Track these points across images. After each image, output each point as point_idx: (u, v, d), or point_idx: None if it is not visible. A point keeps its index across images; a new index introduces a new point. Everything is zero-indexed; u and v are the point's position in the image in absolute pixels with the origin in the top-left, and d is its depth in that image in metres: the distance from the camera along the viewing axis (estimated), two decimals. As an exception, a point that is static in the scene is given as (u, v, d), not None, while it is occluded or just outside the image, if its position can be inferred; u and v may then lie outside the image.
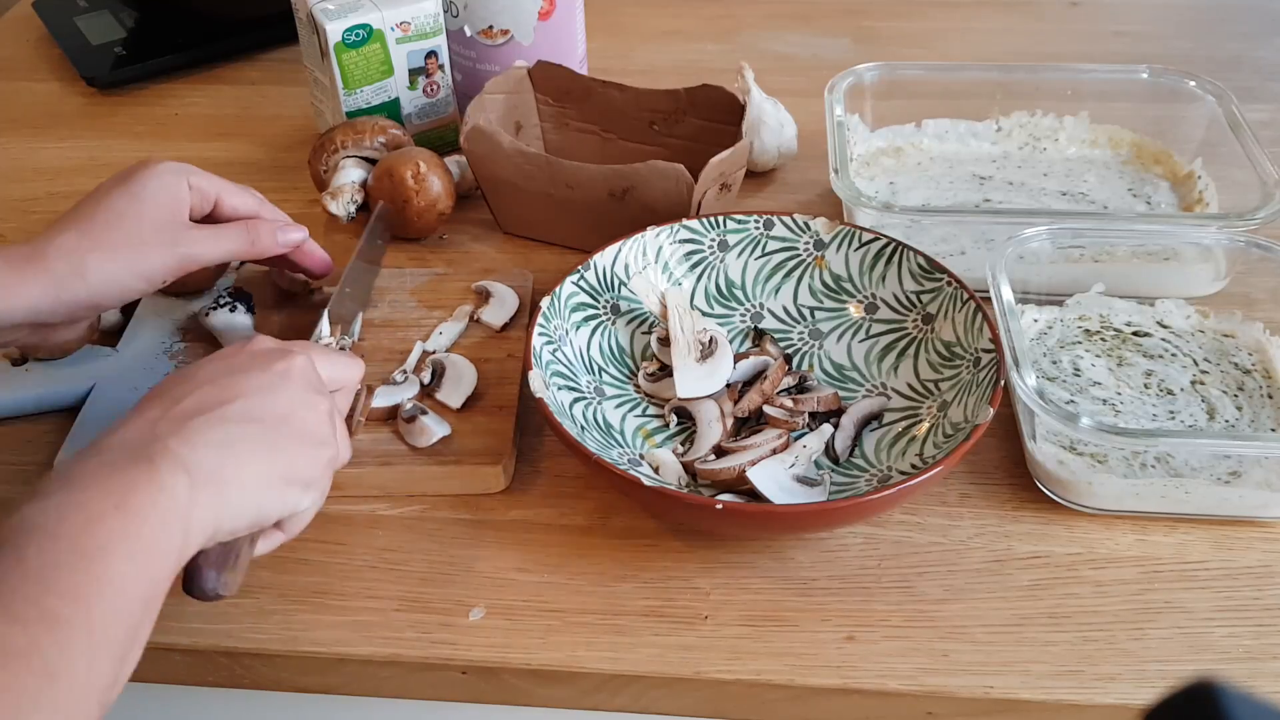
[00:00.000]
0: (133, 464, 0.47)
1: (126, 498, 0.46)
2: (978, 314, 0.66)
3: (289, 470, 0.52)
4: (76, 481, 0.46)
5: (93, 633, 0.43)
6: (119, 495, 0.46)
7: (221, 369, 0.54)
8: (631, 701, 0.58)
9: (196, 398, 0.51)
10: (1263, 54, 1.07)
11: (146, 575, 0.46)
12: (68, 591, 0.43)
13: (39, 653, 0.41)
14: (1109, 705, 0.56)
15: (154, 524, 0.46)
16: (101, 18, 1.10)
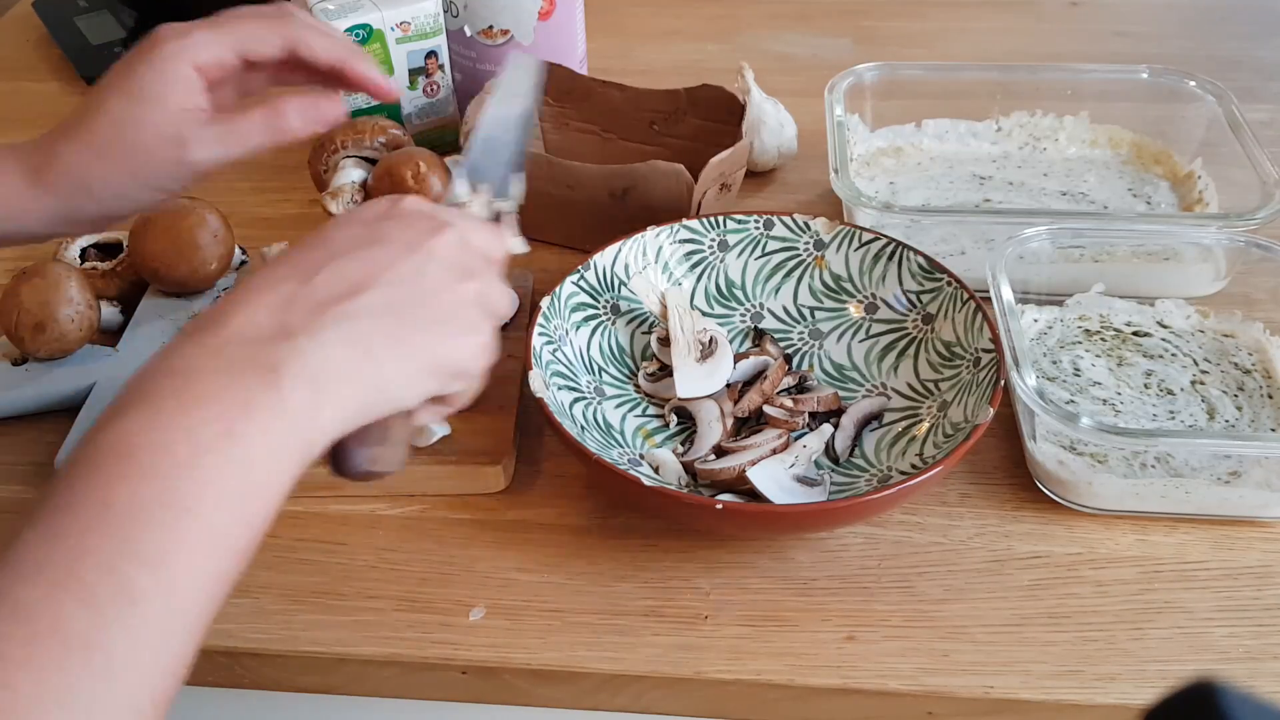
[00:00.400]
0: (253, 370, 0.41)
1: (239, 422, 0.40)
2: (978, 314, 0.66)
3: (431, 363, 0.47)
4: (188, 390, 0.40)
5: (171, 614, 0.37)
6: (231, 417, 0.40)
7: (363, 236, 0.47)
8: (631, 701, 0.58)
9: (332, 276, 0.45)
10: (1263, 54, 1.07)
11: (248, 522, 0.40)
12: (152, 556, 0.37)
13: (103, 647, 0.35)
14: (1109, 705, 0.56)
15: (266, 455, 0.41)
16: (101, 18, 1.10)
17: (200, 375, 0.41)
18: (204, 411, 0.40)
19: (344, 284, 0.45)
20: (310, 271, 0.45)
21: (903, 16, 1.14)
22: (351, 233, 0.48)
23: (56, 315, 0.70)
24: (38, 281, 0.71)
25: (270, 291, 0.44)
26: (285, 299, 0.44)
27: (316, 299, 0.44)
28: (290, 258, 0.46)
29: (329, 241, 0.47)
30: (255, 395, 0.41)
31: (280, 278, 0.45)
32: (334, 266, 0.46)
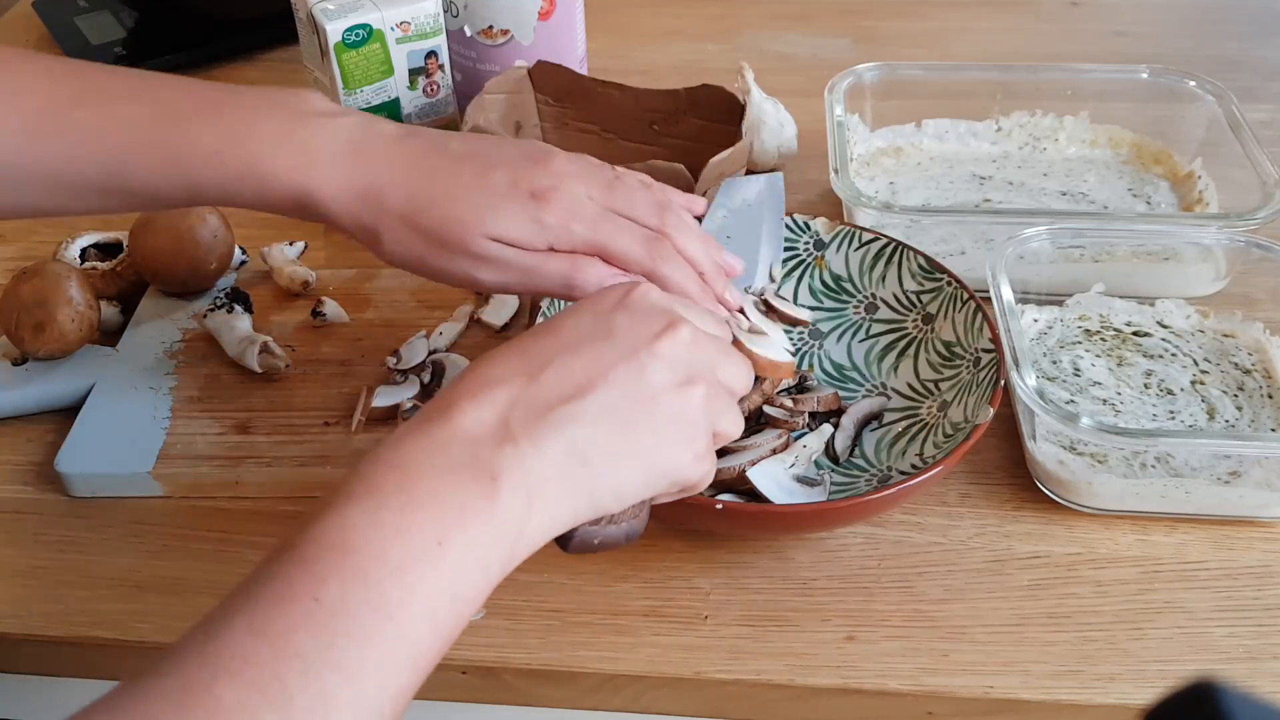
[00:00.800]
0: (473, 476, 0.41)
1: (453, 529, 0.40)
2: (978, 314, 0.66)
3: (646, 474, 0.46)
4: (410, 490, 0.40)
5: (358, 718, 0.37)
6: (446, 524, 0.40)
7: (591, 329, 0.47)
8: (631, 701, 0.58)
9: (558, 374, 0.45)
10: (1263, 54, 1.07)
11: (442, 634, 0.40)
12: (352, 667, 0.37)
13: None
14: (1109, 705, 0.56)
15: (472, 567, 0.41)
16: (101, 18, 1.10)
17: (423, 474, 0.41)
18: (422, 515, 0.40)
19: (569, 384, 0.45)
20: (538, 366, 0.45)
21: (903, 16, 1.14)
22: (581, 322, 0.48)
23: (56, 315, 0.70)
24: (37, 281, 0.71)
25: (499, 386, 0.44)
26: (511, 397, 0.44)
27: (542, 399, 0.44)
28: (522, 345, 0.47)
29: (559, 331, 0.47)
30: (472, 502, 0.41)
31: (510, 371, 0.45)
32: (560, 363, 0.45)
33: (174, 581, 0.62)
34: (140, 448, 0.67)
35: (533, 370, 0.45)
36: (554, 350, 0.46)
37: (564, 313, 0.49)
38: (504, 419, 0.43)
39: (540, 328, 0.48)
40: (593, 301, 0.49)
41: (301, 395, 0.71)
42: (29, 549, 0.64)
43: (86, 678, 0.62)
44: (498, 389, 0.44)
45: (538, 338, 0.47)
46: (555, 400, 0.44)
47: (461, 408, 0.43)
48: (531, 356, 0.46)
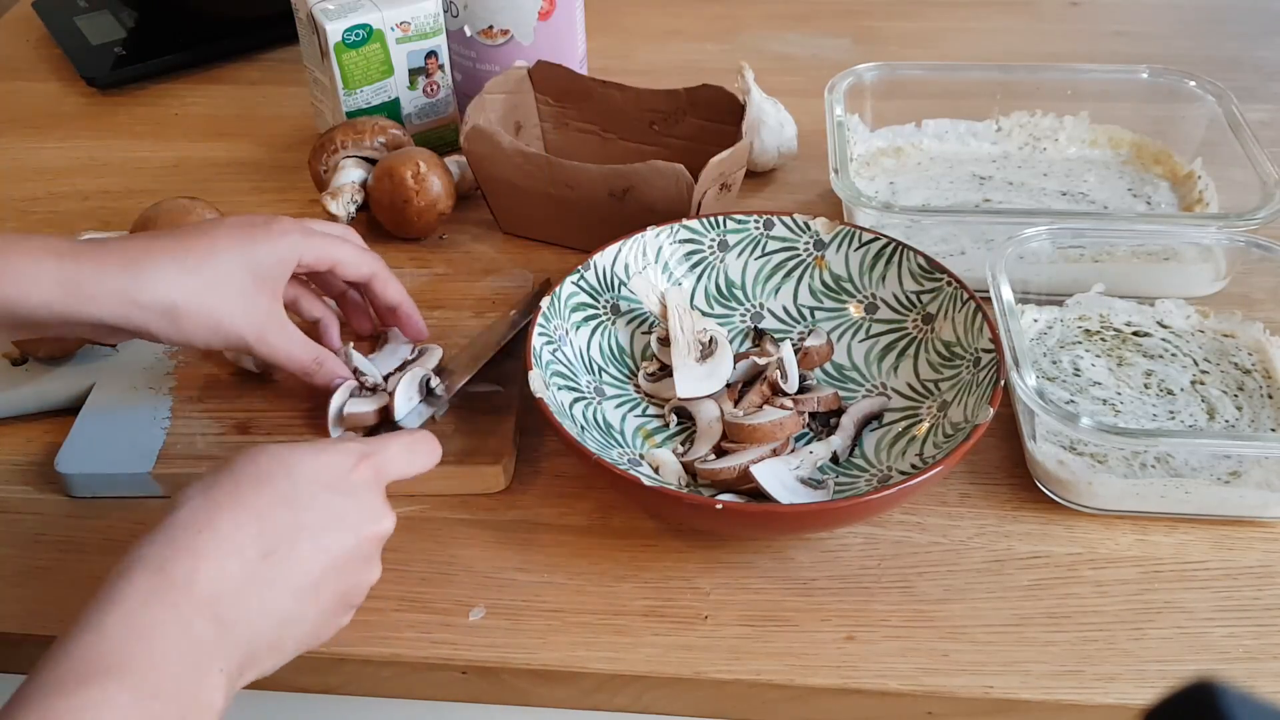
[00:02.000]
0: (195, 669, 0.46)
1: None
2: (978, 314, 0.66)
3: (331, 623, 0.53)
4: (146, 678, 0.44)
5: None
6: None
7: (324, 511, 0.52)
8: (631, 701, 0.58)
9: (282, 564, 0.50)
10: (1263, 54, 1.07)
11: None
12: None
13: None
14: (1109, 705, 0.56)
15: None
16: (101, 18, 1.10)
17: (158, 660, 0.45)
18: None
19: (288, 579, 0.50)
20: (271, 549, 0.49)
21: (903, 16, 1.14)
22: (316, 500, 0.52)
23: (56, 315, 0.70)
24: (38, 281, 0.70)
25: (233, 556, 0.48)
26: (242, 578, 0.48)
27: (263, 590, 0.49)
28: (259, 510, 0.50)
29: (296, 505, 0.51)
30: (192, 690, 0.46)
31: (247, 539, 0.49)
32: (288, 553, 0.50)
33: (174, 581, 0.62)
34: (140, 448, 0.67)
35: (270, 552, 0.49)
36: (291, 536, 0.50)
37: (302, 479, 0.52)
38: (226, 615, 0.47)
39: (280, 489, 0.51)
40: (327, 466, 0.53)
41: (301, 395, 0.71)
42: (29, 549, 0.64)
43: (86, 678, 0.62)
44: (236, 577, 0.48)
45: (279, 514, 0.50)
46: (279, 588, 0.49)
47: (201, 570, 0.47)
48: (272, 537, 0.50)
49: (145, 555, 0.47)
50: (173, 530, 0.48)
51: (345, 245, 0.67)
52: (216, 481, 0.51)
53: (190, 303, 0.60)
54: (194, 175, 0.93)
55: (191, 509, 0.49)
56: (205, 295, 0.60)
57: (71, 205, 0.90)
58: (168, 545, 0.48)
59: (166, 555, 0.47)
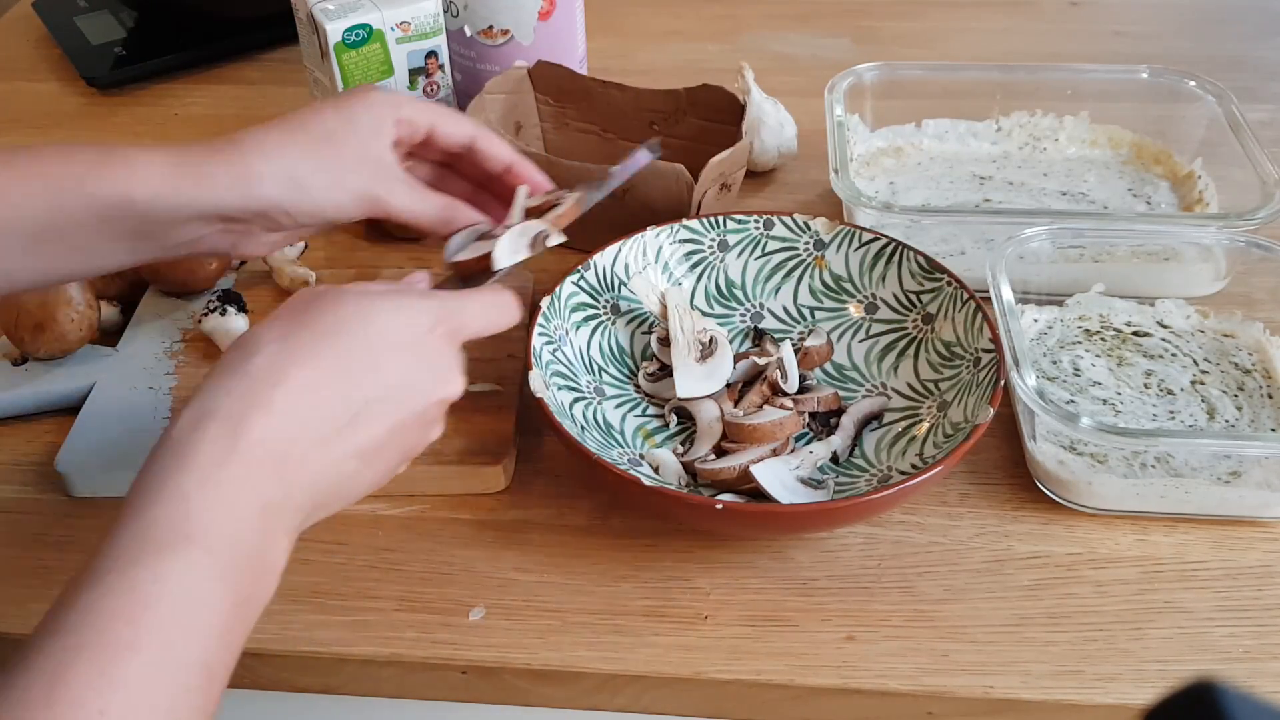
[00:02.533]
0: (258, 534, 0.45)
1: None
2: (978, 314, 0.66)
3: (386, 477, 0.52)
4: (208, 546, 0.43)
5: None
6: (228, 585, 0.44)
7: (397, 370, 0.50)
8: (631, 702, 0.58)
9: (354, 431, 0.48)
10: (1263, 54, 1.07)
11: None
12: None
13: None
14: (1109, 705, 0.56)
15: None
16: (101, 18, 1.10)
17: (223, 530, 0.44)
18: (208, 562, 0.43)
19: (354, 443, 0.49)
20: (345, 416, 0.48)
21: (903, 16, 1.14)
22: (390, 363, 0.50)
23: (56, 315, 0.70)
24: (38, 281, 0.71)
25: (304, 414, 0.47)
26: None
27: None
28: (336, 370, 0.48)
29: (376, 363, 0.49)
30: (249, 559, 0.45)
31: (326, 408, 0.48)
32: (359, 418, 0.49)
33: (174, 581, 0.62)
34: (140, 448, 0.66)
35: (339, 413, 0.48)
36: (366, 396, 0.49)
37: (380, 336, 0.50)
38: (291, 473, 0.46)
39: (358, 344, 0.49)
40: (406, 325, 0.51)
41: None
42: (29, 549, 0.64)
43: (86, 678, 0.62)
44: (304, 433, 0.47)
45: (356, 369, 0.49)
46: (341, 448, 0.48)
47: (270, 438, 0.46)
48: (350, 397, 0.48)
49: (219, 407, 0.45)
50: (248, 380, 0.46)
51: (442, 108, 0.65)
52: (294, 329, 0.48)
53: (311, 165, 0.59)
54: (194, 175, 0.93)
55: (268, 357, 0.47)
56: (323, 154, 0.59)
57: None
58: (242, 398, 0.46)
59: (241, 410, 0.45)
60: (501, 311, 0.57)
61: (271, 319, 0.49)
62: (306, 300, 0.50)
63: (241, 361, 0.47)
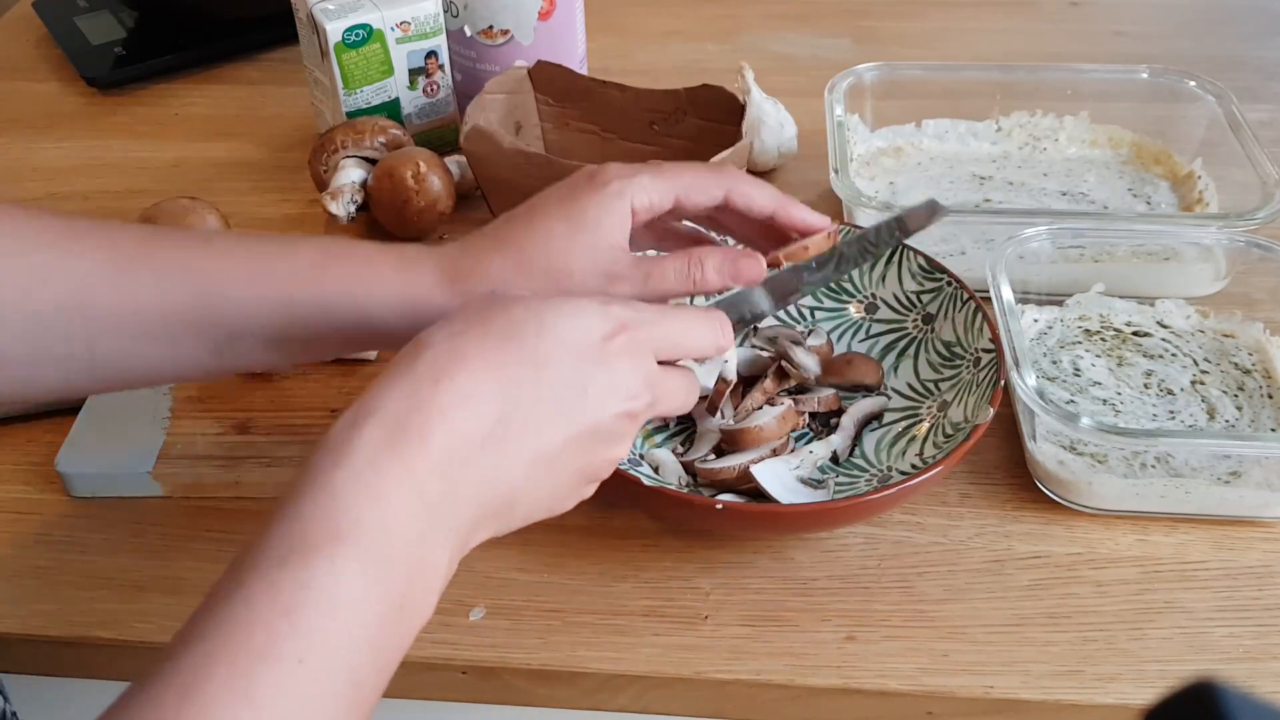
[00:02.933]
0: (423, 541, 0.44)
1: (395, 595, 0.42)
2: (978, 314, 0.66)
3: (569, 496, 0.50)
4: (385, 550, 0.42)
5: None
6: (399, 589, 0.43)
7: (570, 375, 0.47)
8: (632, 702, 0.58)
9: (520, 440, 0.46)
10: (1263, 54, 1.07)
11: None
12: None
13: None
14: (1109, 705, 0.56)
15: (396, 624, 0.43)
16: (101, 18, 1.10)
17: (394, 534, 0.43)
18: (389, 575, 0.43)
19: (523, 453, 0.46)
20: (510, 418, 0.46)
21: (903, 16, 1.14)
22: (564, 367, 0.47)
23: (56, 315, 0.70)
24: (38, 281, 0.70)
25: (469, 414, 0.45)
26: (473, 454, 0.45)
27: (496, 462, 0.46)
28: (507, 375, 0.46)
29: (544, 370, 0.47)
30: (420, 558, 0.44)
31: (490, 411, 0.45)
32: (528, 425, 0.46)
33: (174, 581, 0.62)
34: (140, 448, 0.67)
35: (505, 416, 0.45)
36: (531, 399, 0.46)
37: (551, 339, 0.47)
38: (456, 473, 0.44)
39: (527, 347, 0.47)
40: (581, 330, 0.48)
41: (301, 395, 0.71)
42: (29, 549, 0.64)
43: (86, 678, 0.62)
44: (468, 435, 0.45)
45: (521, 374, 0.46)
46: (511, 455, 0.46)
47: (433, 436, 0.44)
48: (512, 398, 0.46)
49: (381, 406, 0.43)
50: (413, 380, 0.44)
51: (686, 170, 0.59)
52: (465, 328, 0.46)
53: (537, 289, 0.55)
54: (194, 175, 0.93)
55: (434, 356, 0.45)
56: (551, 281, 0.56)
57: (72, 205, 0.90)
58: (405, 398, 0.44)
59: (403, 409, 0.43)
60: (705, 330, 0.52)
61: (447, 319, 0.47)
62: (487, 301, 0.48)
63: (409, 361, 0.45)
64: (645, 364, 0.49)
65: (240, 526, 0.65)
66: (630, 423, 0.49)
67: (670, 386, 0.51)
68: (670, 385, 0.51)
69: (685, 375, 0.52)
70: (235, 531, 0.64)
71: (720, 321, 0.53)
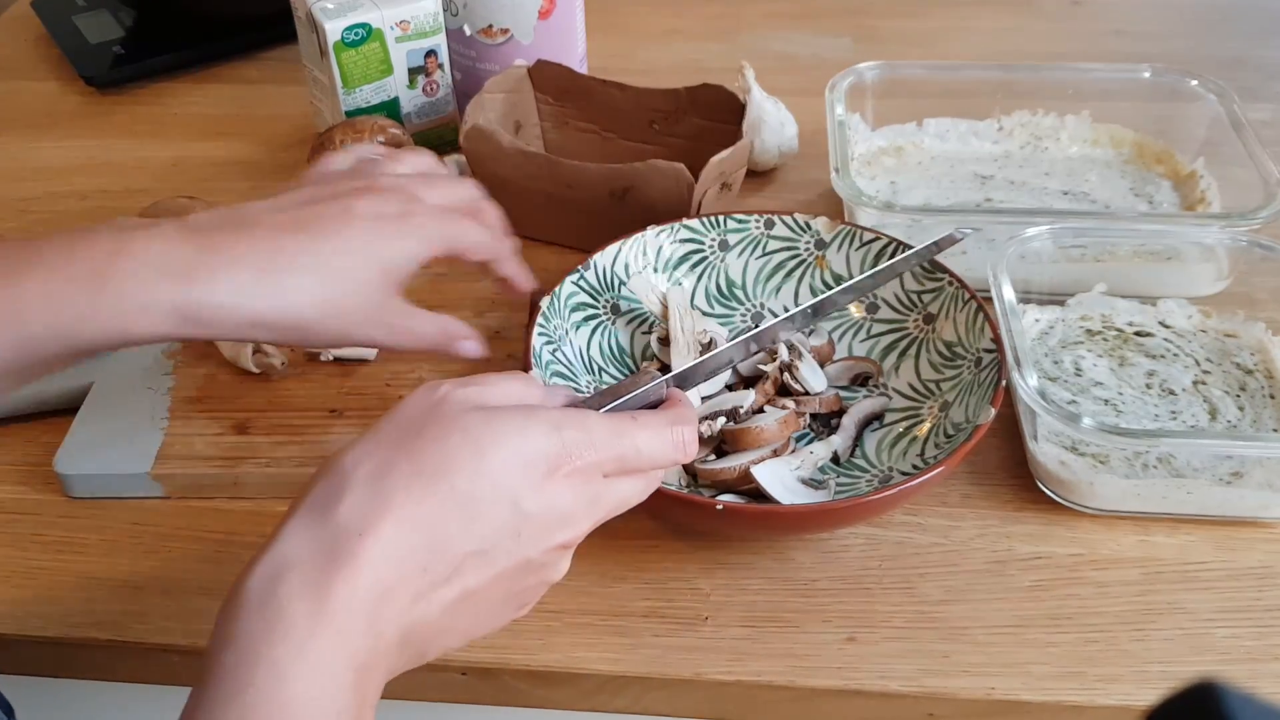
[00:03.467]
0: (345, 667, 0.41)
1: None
2: (979, 314, 0.66)
3: (495, 622, 0.48)
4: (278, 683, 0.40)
5: None
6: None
7: (505, 519, 0.44)
8: (632, 703, 0.58)
9: (449, 585, 0.44)
10: (1265, 53, 1.07)
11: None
12: None
13: None
14: (1110, 706, 0.55)
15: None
16: (100, 17, 1.10)
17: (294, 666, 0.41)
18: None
19: (454, 590, 0.44)
20: (437, 567, 0.43)
21: (903, 15, 1.14)
22: (498, 509, 0.44)
23: (55, 315, 0.70)
24: (36, 281, 0.70)
25: (394, 587, 0.43)
26: (399, 607, 0.43)
27: (424, 608, 0.44)
28: (433, 517, 0.43)
29: (473, 515, 0.44)
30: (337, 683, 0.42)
31: (412, 558, 0.43)
32: (460, 570, 0.44)
33: (173, 582, 0.62)
34: (139, 448, 0.67)
35: (431, 566, 0.43)
36: (460, 549, 0.44)
37: (488, 482, 0.44)
38: (380, 628, 0.42)
39: (460, 490, 0.44)
40: (523, 462, 0.45)
41: (300, 395, 0.70)
42: (28, 550, 0.64)
43: (86, 678, 0.62)
44: (394, 589, 0.42)
45: (450, 521, 0.43)
46: (434, 601, 0.44)
47: (357, 567, 0.42)
48: (440, 550, 0.43)
49: (301, 559, 0.41)
50: (333, 529, 0.42)
51: (471, 231, 0.60)
52: (393, 461, 0.43)
53: (322, 317, 0.54)
54: (193, 174, 0.93)
55: (357, 501, 0.42)
56: (338, 306, 0.54)
57: (70, 205, 0.90)
58: (326, 551, 0.41)
59: (325, 564, 0.41)
60: (663, 448, 0.49)
61: (371, 438, 0.45)
62: (414, 420, 0.45)
63: (328, 502, 0.43)
64: (590, 489, 0.47)
65: (240, 526, 0.65)
66: (567, 550, 0.48)
67: (619, 498, 0.49)
68: (619, 497, 0.49)
69: (638, 479, 0.50)
70: (235, 531, 0.64)
71: (684, 436, 0.49)
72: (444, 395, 0.46)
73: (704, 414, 0.65)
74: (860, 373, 0.69)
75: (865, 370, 0.70)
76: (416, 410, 0.46)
